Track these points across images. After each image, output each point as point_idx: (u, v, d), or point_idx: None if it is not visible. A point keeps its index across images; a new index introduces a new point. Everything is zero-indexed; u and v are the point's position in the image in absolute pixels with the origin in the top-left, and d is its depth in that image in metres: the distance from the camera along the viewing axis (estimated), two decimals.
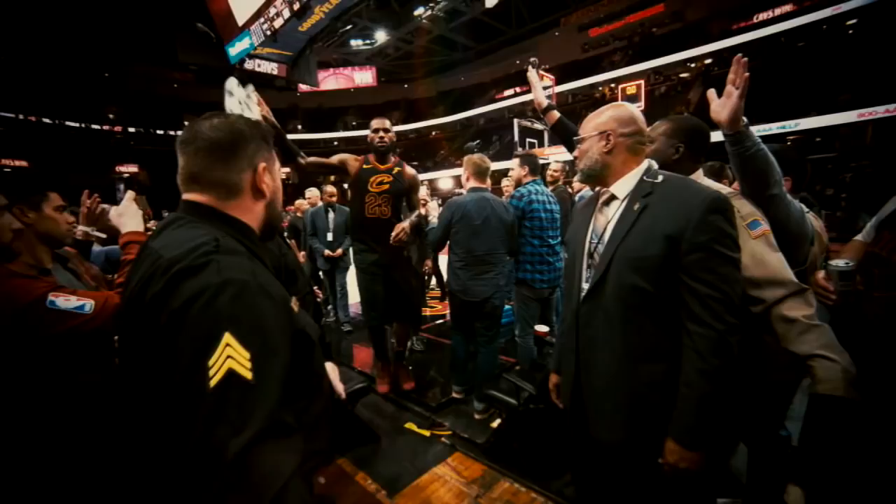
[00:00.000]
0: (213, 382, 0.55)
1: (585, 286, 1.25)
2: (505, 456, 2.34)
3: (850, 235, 1.48)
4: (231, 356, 0.57)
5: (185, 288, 0.62)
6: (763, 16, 19.31)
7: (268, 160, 0.86)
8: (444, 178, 25.39)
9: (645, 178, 1.20)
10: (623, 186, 1.22)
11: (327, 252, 4.58)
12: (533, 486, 2.14)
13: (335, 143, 35.90)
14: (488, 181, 2.89)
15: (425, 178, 24.33)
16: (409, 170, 3.00)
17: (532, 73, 2.24)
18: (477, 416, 2.84)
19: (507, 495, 2.11)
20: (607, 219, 1.23)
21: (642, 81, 16.95)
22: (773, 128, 16.62)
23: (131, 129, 30.04)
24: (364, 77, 31.02)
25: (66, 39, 24.76)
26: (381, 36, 24.73)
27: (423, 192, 3.80)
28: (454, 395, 3.07)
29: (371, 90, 32.65)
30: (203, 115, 0.83)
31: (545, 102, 2.12)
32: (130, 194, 1.45)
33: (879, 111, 14.00)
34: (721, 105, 1.27)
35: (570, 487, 2.08)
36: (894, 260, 1.11)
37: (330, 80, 30.75)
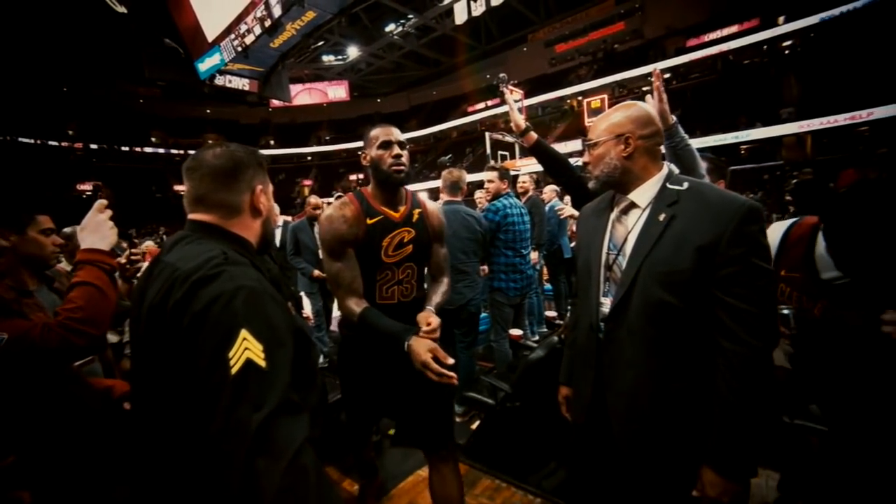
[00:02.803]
0: (234, 370, 0.66)
1: (604, 300, 1.18)
2: (485, 454, 2.44)
3: None
4: (248, 348, 0.68)
5: (204, 294, 0.72)
6: (712, 35, 20.75)
7: (263, 183, 0.99)
8: (420, 192, 25.71)
9: (668, 184, 1.11)
10: (644, 194, 1.13)
11: (316, 272, 3.90)
12: (512, 481, 2.25)
13: (308, 157, 35.69)
14: (461, 194, 3.00)
15: None
16: (432, 206, 1.73)
17: (508, 97, 2.18)
18: (457, 419, 2.89)
19: (488, 492, 2.20)
20: (627, 229, 1.14)
21: (606, 95, 17.79)
22: (728, 137, 17.89)
23: (93, 146, 29.00)
24: (337, 92, 31.10)
25: (21, 53, 23.81)
26: (353, 51, 24.99)
27: None
28: None
29: (344, 104, 32.75)
30: (205, 145, 0.96)
31: (523, 125, 2.02)
32: (98, 204, 1.30)
33: (815, 124, 15.38)
34: (652, 108, 1.35)
35: (548, 480, 2.21)
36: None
37: (303, 95, 30.68)
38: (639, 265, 1.07)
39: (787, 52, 19.22)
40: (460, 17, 19.76)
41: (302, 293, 4.20)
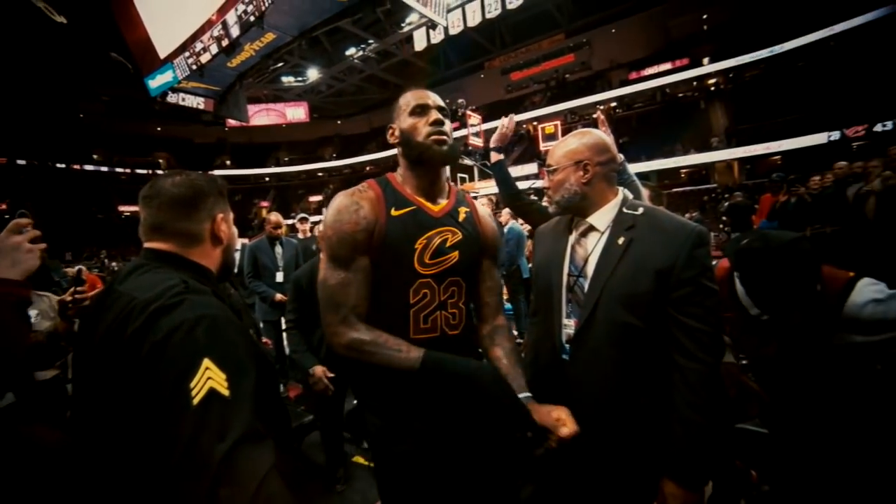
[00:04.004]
0: (195, 401, 0.65)
1: (567, 322, 1.19)
2: None
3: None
4: (211, 377, 0.67)
5: (165, 323, 0.71)
6: (650, 70, 22.89)
7: (224, 211, 0.98)
8: None
9: (624, 209, 1.16)
10: (603, 218, 1.17)
11: (279, 296, 3.53)
12: None
13: (266, 178, 34.83)
14: None
15: None
16: (484, 209, 1.31)
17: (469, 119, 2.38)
18: None
19: None
20: (587, 251, 1.18)
21: (559, 121, 18.85)
22: (669, 162, 19.55)
23: (21, 162, 26.81)
24: (296, 113, 30.85)
25: None
26: (312, 73, 25.00)
27: None
28: None
29: (303, 126, 32.48)
30: (165, 173, 0.95)
31: (494, 144, 2.06)
32: (13, 224, 1.09)
33: (738, 152, 17.45)
34: (605, 136, 1.51)
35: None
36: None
37: (261, 116, 30.16)
38: (601, 287, 1.10)
39: (712, 88, 21.70)
40: (420, 43, 20.43)
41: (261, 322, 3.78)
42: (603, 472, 1.14)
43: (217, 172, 31.23)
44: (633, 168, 1.80)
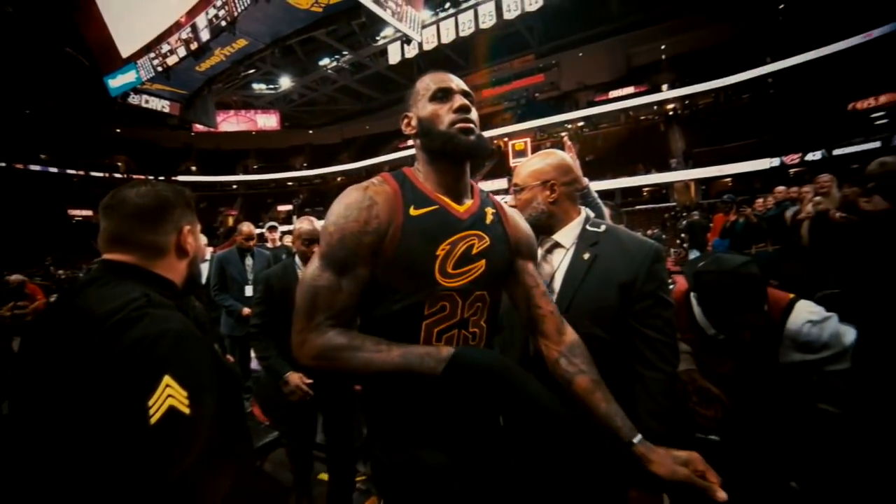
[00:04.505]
0: (154, 419, 0.63)
1: None
2: None
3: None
4: (171, 395, 0.65)
5: (125, 338, 0.68)
6: (614, 93, 24.19)
7: (192, 223, 0.94)
8: None
9: (588, 226, 1.22)
10: (568, 235, 1.22)
11: (246, 311, 3.31)
12: None
13: (234, 186, 33.85)
14: None
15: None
16: (512, 210, 1.12)
17: None
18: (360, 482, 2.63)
19: None
20: (553, 267, 1.22)
21: (529, 138, 19.43)
22: (633, 181, 20.53)
23: None
24: (267, 121, 30.33)
25: None
26: (285, 82, 24.76)
27: (318, 222, 3.35)
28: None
29: (274, 134, 31.96)
30: (129, 183, 0.92)
31: None
32: None
33: (694, 173, 18.62)
34: (569, 157, 1.45)
35: None
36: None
37: (230, 122, 29.46)
38: (569, 301, 1.14)
39: (671, 112, 23.32)
40: (394, 57, 20.64)
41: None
42: (573, 484, 1.15)
43: (182, 178, 30.17)
44: (601, 185, 1.91)
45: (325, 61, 22.84)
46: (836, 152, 13.97)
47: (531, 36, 23.45)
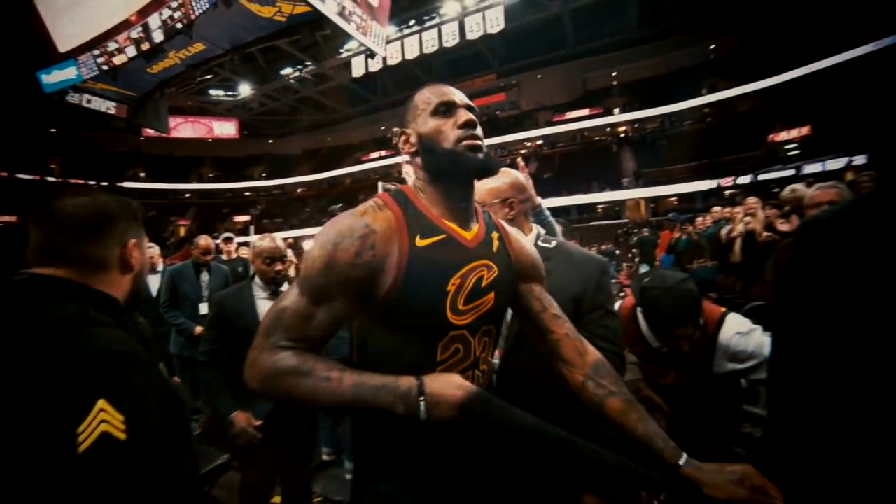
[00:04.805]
0: (83, 447, 0.58)
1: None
2: None
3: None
4: (105, 420, 0.60)
5: (58, 360, 0.63)
6: (571, 114, 25.56)
7: (138, 236, 0.88)
8: (309, 238, 24.36)
9: (539, 242, 1.26)
10: None
11: (198, 329, 3.11)
12: None
13: (187, 194, 32.25)
14: None
15: (290, 235, 23.39)
16: (515, 231, 1.05)
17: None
18: (349, 476, 2.60)
19: None
20: None
21: None
22: (587, 198, 21.51)
23: None
24: (225, 128, 29.24)
25: None
26: (244, 89, 24.08)
27: (289, 253, 3.26)
28: (324, 457, 2.92)
29: (232, 142, 30.85)
30: (69, 192, 0.86)
31: None
32: None
33: (649, 191, 19.79)
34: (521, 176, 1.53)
35: None
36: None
37: (184, 128, 28.11)
38: None
39: (622, 135, 24.86)
40: (358, 70, 20.66)
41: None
42: (530, 495, 1.15)
43: (128, 185, 28.34)
44: (558, 201, 1.99)
45: (287, 70, 22.44)
46: (761, 177, 15.40)
47: (493, 56, 24.27)
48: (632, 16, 20.01)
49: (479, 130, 0.88)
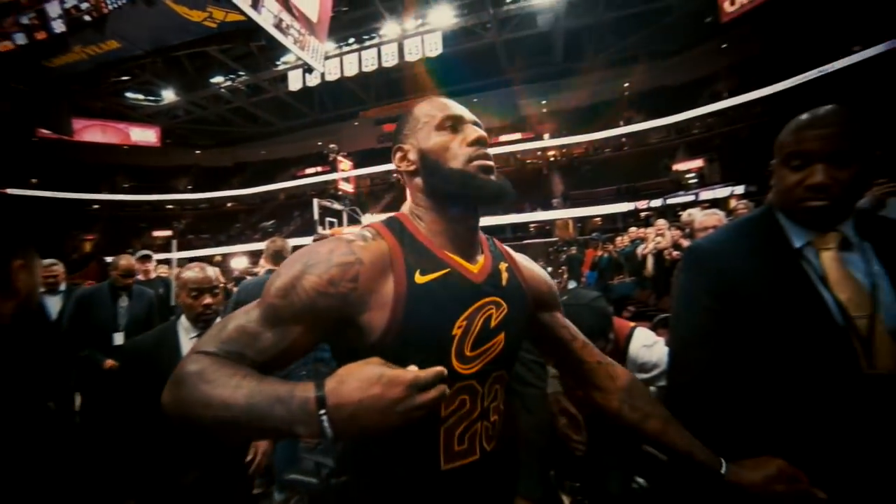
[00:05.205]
0: None
1: None
2: None
3: None
4: None
5: None
6: (504, 138, 27.07)
7: (27, 257, 0.79)
8: (239, 256, 21.08)
9: None
10: None
11: (109, 362, 2.72)
12: None
13: (95, 206, 28.92)
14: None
15: (217, 252, 21.90)
16: (523, 258, 0.94)
17: None
18: None
19: None
20: None
21: None
22: (520, 217, 22.66)
23: None
24: (144, 135, 26.60)
25: None
26: (168, 95, 22.48)
27: (213, 271, 3.13)
28: (255, 490, 2.88)
29: (154, 151, 28.17)
30: None
31: None
32: None
33: (577, 211, 21.40)
34: None
35: None
36: None
37: (94, 132, 25.24)
38: None
39: (552, 158, 26.89)
40: (294, 84, 20.20)
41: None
42: None
43: (16, 191, 24.77)
44: (493, 220, 2.06)
45: (218, 79, 21.36)
46: (670, 201, 17.32)
47: (431, 78, 24.91)
48: (558, 51, 21.68)
49: (489, 150, 0.78)
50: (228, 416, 0.55)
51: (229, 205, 31.18)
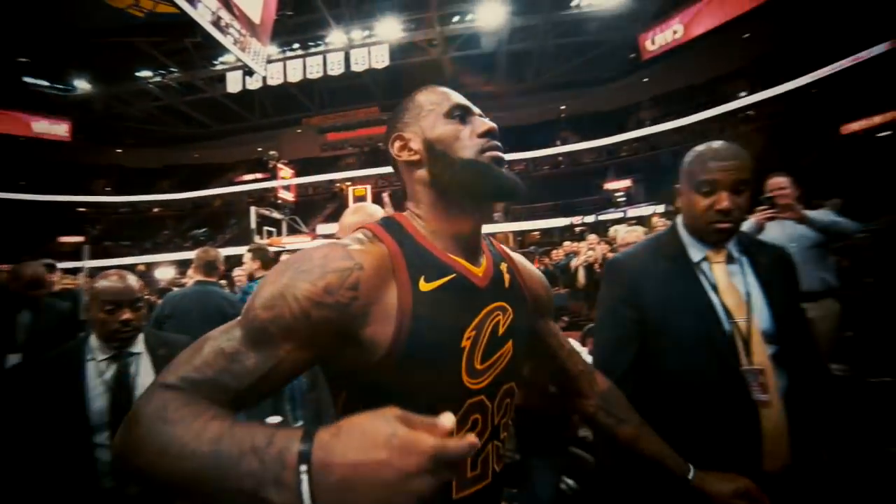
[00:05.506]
0: None
1: None
2: None
3: None
4: None
5: None
6: None
7: None
8: (165, 266, 19.81)
9: None
10: None
11: None
12: None
13: None
14: (216, 274, 2.84)
15: (140, 261, 19.98)
16: (521, 258, 0.89)
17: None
18: None
19: None
20: None
21: (370, 185, 20.21)
22: None
23: None
24: (51, 128, 23.73)
25: None
26: (82, 84, 20.44)
27: (135, 280, 2.74)
28: None
29: (64, 146, 25.14)
30: None
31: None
32: None
33: (516, 225, 22.47)
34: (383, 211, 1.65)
35: None
36: None
37: None
38: None
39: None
40: (233, 86, 19.30)
41: None
42: None
43: None
44: None
45: (146, 73, 19.80)
46: (601, 217, 18.68)
47: (377, 88, 24.90)
48: (500, 70, 22.69)
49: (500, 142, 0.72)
50: (187, 467, 0.43)
51: (156, 210, 28.72)
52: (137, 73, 19.72)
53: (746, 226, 2.27)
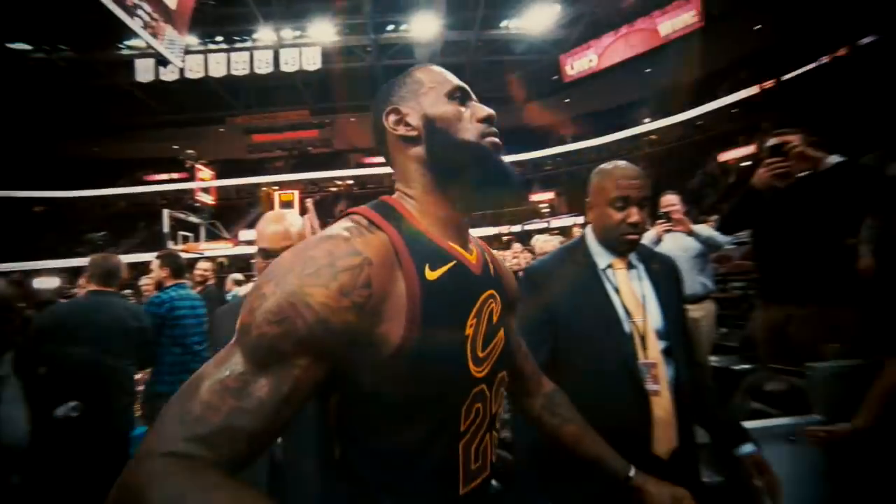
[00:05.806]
0: None
1: None
2: None
3: None
4: None
5: None
6: (375, 160, 27.00)
7: None
8: (48, 274, 16.52)
9: None
10: None
11: None
12: None
13: None
14: (117, 284, 2.52)
15: (18, 267, 17.21)
16: (495, 252, 0.87)
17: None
18: None
19: None
20: None
21: (298, 190, 19.48)
22: None
23: None
24: None
25: None
26: None
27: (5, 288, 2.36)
28: None
29: None
30: None
31: None
32: None
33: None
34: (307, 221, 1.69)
35: None
36: None
37: None
38: None
39: None
40: (144, 75, 17.57)
41: None
42: None
43: None
44: None
45: (20, 45, 17.10)
46: (527, 227, 19.83)
47: (307, 91, 24.10)
48: None
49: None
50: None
51: (38, 208, 24.90)
52: (10, 45, 16.99)
53: (647, 237, 2.57)
